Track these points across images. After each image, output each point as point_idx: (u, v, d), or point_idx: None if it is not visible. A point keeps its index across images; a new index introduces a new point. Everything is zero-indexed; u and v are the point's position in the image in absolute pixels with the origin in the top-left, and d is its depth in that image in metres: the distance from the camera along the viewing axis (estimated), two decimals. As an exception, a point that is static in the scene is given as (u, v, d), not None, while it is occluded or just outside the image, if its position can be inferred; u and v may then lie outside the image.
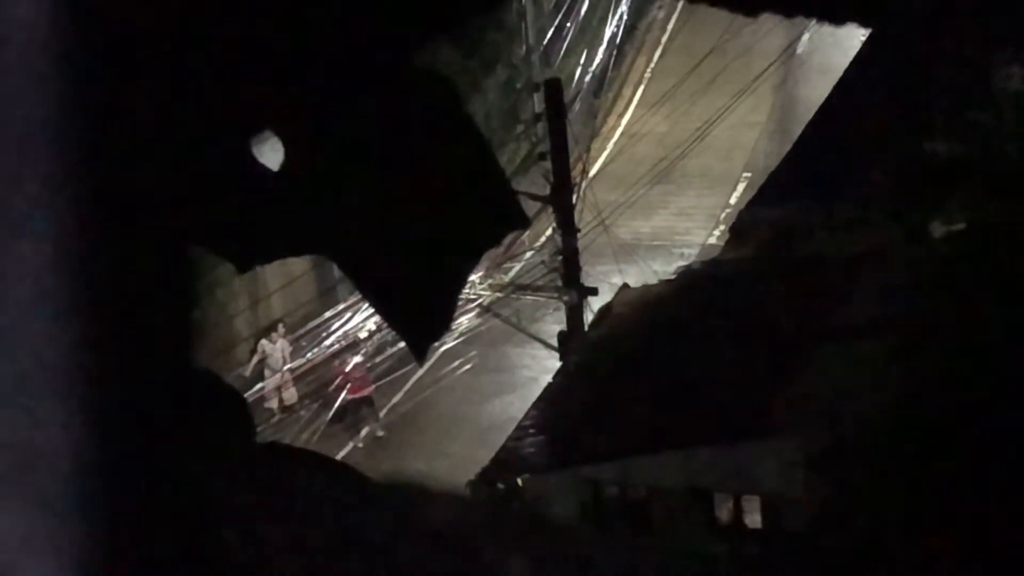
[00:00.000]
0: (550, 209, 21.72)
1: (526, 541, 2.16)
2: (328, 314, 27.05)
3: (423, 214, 3.60)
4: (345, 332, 26.73)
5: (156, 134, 1.20)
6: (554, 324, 23.60)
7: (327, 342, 26.85)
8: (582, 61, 35.68)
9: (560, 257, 21.65)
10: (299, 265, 25.06)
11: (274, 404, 26.11)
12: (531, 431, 14.79)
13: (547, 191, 21.69)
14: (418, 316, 3.68)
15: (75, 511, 1.08)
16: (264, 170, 3.14)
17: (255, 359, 26.18)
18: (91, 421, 1.10)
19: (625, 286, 17.53)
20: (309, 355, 26.71)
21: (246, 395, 23.16)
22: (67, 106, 1.08)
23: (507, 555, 2.06)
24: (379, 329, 24.93)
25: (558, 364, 18.47)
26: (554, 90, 22.33)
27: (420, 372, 26.25)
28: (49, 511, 1.08)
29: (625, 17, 37.58)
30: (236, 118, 2.90)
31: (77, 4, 1.07)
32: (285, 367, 26.13)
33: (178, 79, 1.27)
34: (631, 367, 13.82)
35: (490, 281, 24.69)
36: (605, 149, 34.39)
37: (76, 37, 1.07)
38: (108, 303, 1.14)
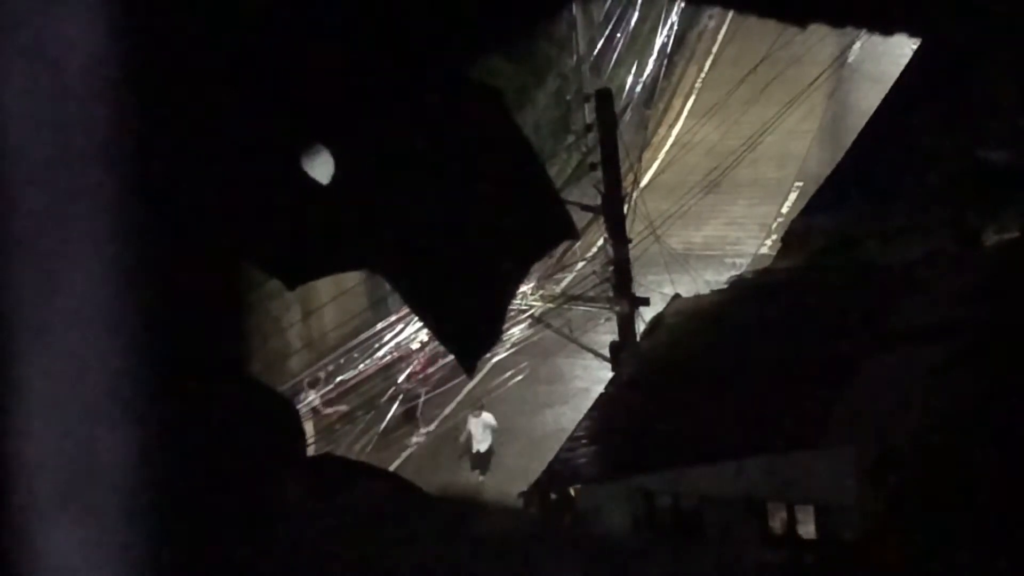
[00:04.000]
0: (601, 219, 21.68)
1: (579, 553, 2.17)
2: (380, 325, 27.09)
3: (472, 226, 3.61)
4: (397, 343, 26.78)
5: (206, 151, 1.21)
6: (606, 334, 23.55)
7: (379, 353, 26.90)
8: (632, 71, 35.67)
9: (611, 267, 21.60)
10: (351, 277, 25.12)
11: None
12: (583, 442, 14.78)
13: (598, 201, 21.66)
14: (467, 330, 3.68)
15: (131, 522, 1.09)
16: (313, 184, 3.15)
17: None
18: (146, 434, 1.11)
19: (677, 296, 17.50)
20: (361, 366, 26.75)
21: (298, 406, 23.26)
22: (119, 125, 1.09)
23: (560, 567, 2.06)
24: (431, 340, 24.98)
25: (610, 374, 18.44)
26: (605, 100, 22.31)
27: (472, 383, 26.28)
28: (106, 522, 1.09)
29: (675, 27, 37.55)
30: (285, 131, 2.91)
31: (127, 25, 1.08)
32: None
33: (228, 96, 1.29)
34: (683, 377, 13.79)
35: (542, 292, 24.69)
36: (656, 159, 34.37)
37: (127, 57, 1.08)
38: (163, 318, 1.15)
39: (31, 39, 1.07)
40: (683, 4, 37.76)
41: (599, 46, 33.22)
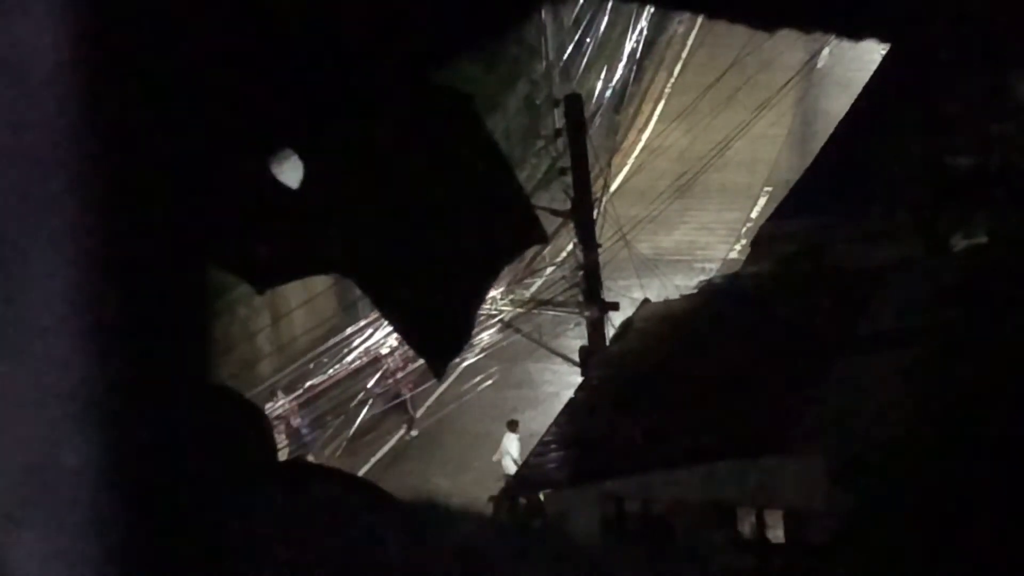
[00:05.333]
0: (571, 224, 21.71)
1: (547, 559, 2.16)
2: (350, 330, 27.07)
3: (441, 230, 3.60)
4: (367, 348, 26.75)
5: (173, 153, 1.20)
6: (575, 339, 23.56)
7: (348, 358, 26.87)
8: (602, 76, 35.73)
9: (581, 272, 21.63)
10: (320, 282, 25.08)
11: None
12: (553, 446, 14.79)
13: (568, 206, 21.69)
14: (437, 333, 3.68)
15: (95, 530, 1.08)
16: (282, 188, 3.14)
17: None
18: (111, 440, 1.10)
19: (646, 301, 17.54)
20: (331, 371, 26.72)
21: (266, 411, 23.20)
22: (82, 130, 1.08)
23: (528, 574, 2.06)
24: (401, 345, 24.97)
25: (580, 379, 18.46)
26: (574, 105, 22.36)
27: (442, 388, 26.26)
28: (70, 531, 1.08)
29: (645, 32, 37.62)
30: (253, 136, 2.90)
31: (91, 29, 1.07)
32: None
33: (196, 97, 1.28)
34: (653, 382, 13.81)
35: (511, 297, 24.68)
36: (626, 164, 34.40)
37: (91, 61, 1.08)
38: (127, 321, 1.14)
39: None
40: (652, 9, 37.81)
41: (569, 51, 33.22)
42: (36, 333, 1.07)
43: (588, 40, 35.30)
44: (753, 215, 31.50)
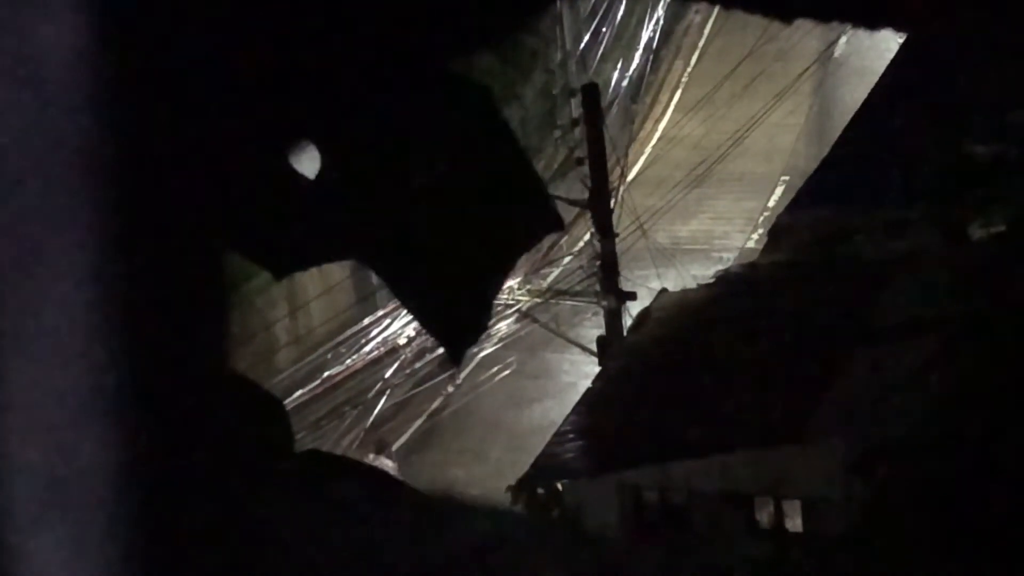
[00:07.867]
0: (588, 214, 21.70)
1: (564, 552, 2.16)
2: (367, 321, 27.08)
3: (459, 218, 3.61)
4: (384, 338, 26.77)
5: (191, 140, 1.20)
6: (593, 329, 23.55)
7: (366, 348, 26.89)
8: (619, 66, 35.66)
9: (598, 262, 21.62)
10: (338, 272, 25.09)
11: None
12: (570, 436, 14.77)
13: (585, 196, 21.67)
14: (455, 320, 3.69)
15: (113, 527, 1.09)
16: (300, 176, 3.16)
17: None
18: (128, 435, 1.10)
19: (663, 290, 17.51)
20: (348, 362, 26.74)
21: (285, 402, 23.20)
22: (100, 114, 1.09)
23: (545, 567, 2.06)
24: (418, 335, 24.98)
25: (597, 369, 18.45)
26: (591, 95, 22.32)
27: (459, 378, 26.29)
28: (89, 529, 1.08)
29: (662, 22, 37.53)
30: (272, 123, 2.91)
31: (108, 24, 1.08)
32: None
33: (214, 85, 1.28)
34: (670, 371, 13.80)
35: (529, 287, 24.69)
36: (643, 153, 34.33)
37: (109, 53, 1.08)
38: (144, 314, 1.15)
39: (9, 43, 1.06)
40: (669, -1, 37.76)
41: (585, 41, 33.19)
42: (50, 332, 1.07)
43: (604, 30, 35.24)
44: (770, 204, 31.42)
